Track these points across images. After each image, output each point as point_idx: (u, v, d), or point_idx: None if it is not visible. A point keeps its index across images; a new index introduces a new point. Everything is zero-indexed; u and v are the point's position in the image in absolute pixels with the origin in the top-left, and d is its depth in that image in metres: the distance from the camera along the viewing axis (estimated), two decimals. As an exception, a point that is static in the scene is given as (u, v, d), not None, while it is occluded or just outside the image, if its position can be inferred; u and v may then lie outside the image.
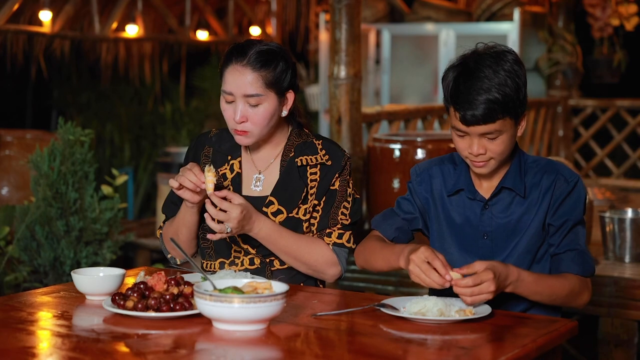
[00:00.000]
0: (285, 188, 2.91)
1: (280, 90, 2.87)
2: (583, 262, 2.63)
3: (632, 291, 4.09)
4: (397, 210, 2.86)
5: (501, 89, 2.51)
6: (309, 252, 2.90)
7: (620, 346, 4.17)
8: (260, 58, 2.83)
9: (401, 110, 5.76)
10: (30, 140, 6.06)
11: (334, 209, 2.95)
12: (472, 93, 2.51)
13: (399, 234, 2.84)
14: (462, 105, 2.53)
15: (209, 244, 2.99)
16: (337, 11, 4.80)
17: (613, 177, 8.10)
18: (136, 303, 2.41)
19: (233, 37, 8.47)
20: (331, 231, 2.94)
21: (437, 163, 2.82)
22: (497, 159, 2.61)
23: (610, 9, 7.77)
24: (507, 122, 2.55)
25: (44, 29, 7.00)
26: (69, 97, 9.73)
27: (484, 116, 2.51)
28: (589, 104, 8.27)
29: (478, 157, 2.60)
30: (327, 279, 2.97)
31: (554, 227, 2.65)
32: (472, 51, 2.60)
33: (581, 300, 2.64)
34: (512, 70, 2.54)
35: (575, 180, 2.66)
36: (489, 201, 2.70)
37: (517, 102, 2.54)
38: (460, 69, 2.57)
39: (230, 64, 2.85)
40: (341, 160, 2.96)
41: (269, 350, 2.19)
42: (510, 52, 2.59)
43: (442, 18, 7.79)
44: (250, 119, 2.85)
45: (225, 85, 2.85)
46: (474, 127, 2.54)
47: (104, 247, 4.57)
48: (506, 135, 2.57)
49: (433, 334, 2.30)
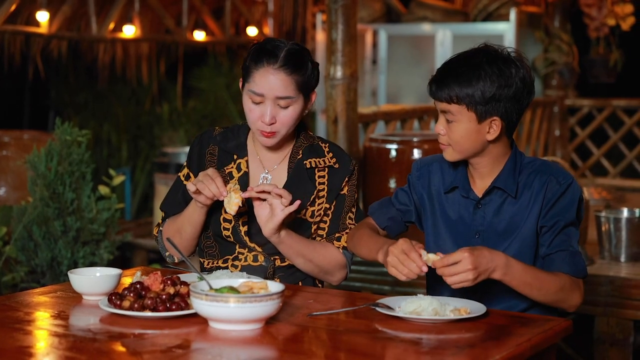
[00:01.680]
0: (295, 189, 2.90)
1: (308, 92, 2.89)
2: (574, 262, 2.62)
3: (628, 290, 4.10)
4: (394, 200, 2.90)
5: (475, 78, 2.58)
6: (324, 255, 2.93)
7: (616, 345, 4.18)
8: (292, 61, 2.83)
9: (397, 111, 5.77)
10: (27, 140, 6.06)
11: (344, 215, 2.98)
12: (448, 65, 2.65)
13: (390, 224, 2.88)
14: (438, 72, 2.65)
15: (213, 243, 3.00)
16: (334, 11, 4.80)
17: (609, 177, 8.11)
18: (132, 303, 2.42)
19: (230, 37, 8.48)
20: (340, 235, 2.97)
21: (439, 159, 2.83)
22: (455, 148, 2.66)
23: (606, 8, 7.78)
24: (463, 111, 2.61)
25: (41, 29, 7.01)
26: (66, 97, 9.72)
27: (439, 90, 2.62)
28: (585, 104, 8.28)
29: (439, 138, 2.68)
30: (333, 282, 3.00)
31: (546, 228, 2.65)
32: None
33: (572, 300, 2.61)
34: (498, 72, 2.60)
35: (569, 182, 2.66)
36: (482, 200, 2.71)
37: (479, 98, 2.59)
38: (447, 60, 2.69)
39: (262, 65, 2.82)
40: (349, 165, 2.98)
41: (265, 350, 2.20)
42: (517, 66, 2.64)
43: (439, 18, 7.80)
44: (279, 120, 2.85)
45: (256, 86, 2.83)
46: (436, 102, 2.66)
47: (101, 247, 4.58)
48: (461, 126, 2.62)
49: (428, 334, 2.30)
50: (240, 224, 2.93)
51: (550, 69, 7.99)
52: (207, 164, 2.99)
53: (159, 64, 9.43)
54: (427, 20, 7.82)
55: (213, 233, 2.97)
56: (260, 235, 2.90)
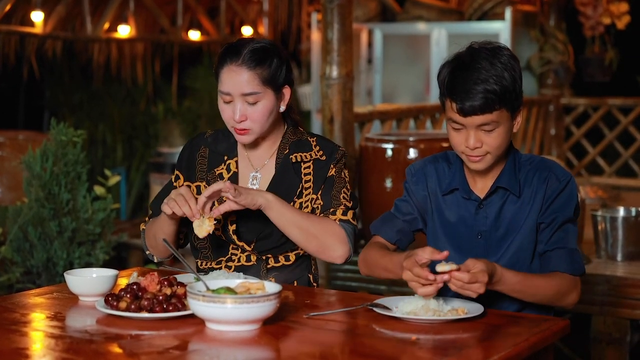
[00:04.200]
0: (281, 183, 2.93)
1: (277, 87, 2.90)
2: (572, 261, 2.62)
3: (624, 289, 4.11)
4: (396, 212, 2.84)
5: (498, 80, 2.51)
6: (320, 226, 2.88)
7: (613, 344, 4.19)
8: (254, 56, 2.85)
9: (393, 110, 5.77)
10: (22, 140, 6.05)
11: (335, 192, 2.95)
12: (469, 83, 2.51)
13: (400, 237, 2.82)
14: (460, 95, 2.53)
15: (206, 244, 2.99)
16: (329, 11, 4.80)
17: (605, 176, 8.12)
18: (129, 304, 2.41)
19: (225, 37, 8.47)
20: (335, 209, 2.94)
21: (432, 161, 2.82)
22: (494, 153, 2.60)
23: (602, 7, 7.79)
24: (503, 114, 2.55)
25: (36, 29, 6.99)
26: (61, 97, 9.71)
27: (481, 106, 2.51)
28: (580, 103, 8.28)
29: (474, 151, 2.59)
30: (335, 259, 2.92)
31: (544, 224, 2.65)
32: (466, 47, 2.61)
33: (569, 300, 2.62)
34: (509, 64, 2.55)
35: (568, 179, 2.66)
36: (484, 201, 2.70)
37: (513, 94, 2.55)
38: (455, 63, 2.58)
39: (225, 64, 2.87)
40: (335, 154, 2.98)
41: (262, 351, 2.19)
42: (506, 48, 2.60)
43: (434, 17, 7.80)
44: (249, 116, 2.86)
45: (222, 85, 2.87)
46: (471, 118, 2.54)
47: (97, 247, 4.57)
48: (502, 128, 2.57)
49: (425, 334, 2.30)
50: (229, 223, 2.94)
51: (545, 67, 7.99)
52: (197, 166, 3.01)
53: (154, 63, 9.42)
54: (422, 19, 7.81)
55: None
56: (249, 233, 2.92)
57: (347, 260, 2.94)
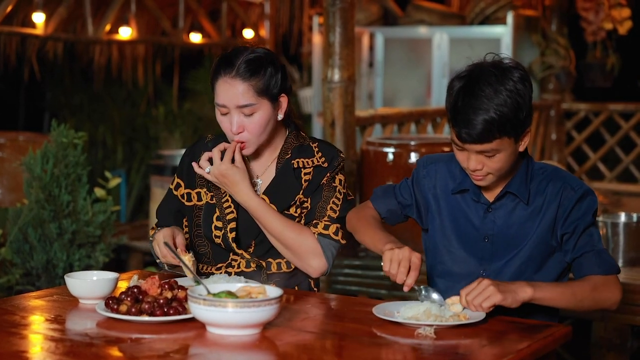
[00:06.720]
0: (279, 186, 2.92)
1: (273, 96, 2.87)
2: (602, 261, 2.61)
3: (626, 295, 4.07)
4: (397, 190, 2.88)
5: (499, 109, 2.47)
6: (294, 237, 2.88)
7: (613, 350, 4.18)
8: (248, 67, 2.83)
9: (394, 114, 5.77)
10: (23, 142, 6.05)
11: (322, 203, 2.94)
12: (469, 112, 2.49)
13: (390, 215, 2.88)
14: (459, 123, 2.51)
15: (207, 250, 2.99)
16: (331, 14, 4.80)
17: (606, 181, 8.11)
18: (130, 307, 2.40)
19: (226, 39, 8.47)
20: (317, 222, 2.93)
21: (446, 160, 2.81)
22: (495, 174, 2.60)
23: (604, 12, 7.78)
24: (504, 141, 2.52)
25: (37, 30, 6.99)
26: (61, 99, 9.71)
27: (479, 136, 2.49)
28: (581, 108, 8.28)
29: (475, 172, 2.59)
30: (311, 272, 2.93)
31: (567, 234, 2.64)
32: (476, 65, 2.57)
33: (609, 301, 2.61)
34: (515, 90, 2.50)
35: (584, 189, 2.65)
36: (492, 204, 2.69)
37: (515, 123, 2.51)
38: (463, 82, 2.54)
39: (220, 76, 2.85)
40: (334, 161, 2.97)
41: (262, 355, 2.19)
42: (517, 69, 2.55)
43: (436, 21, 7.80)
44: (246, 128, 2.85)
45: (218, 98, 2.86)
46: (470, 145, 2.53)
47: (97, 249, 4.56)
48: (504, 154, 2.55)
49: (427, 339, 2.30)
50: (229, 231, 2.93)
51: (547, 72, 7.99)
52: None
53: (154, 65, 9.41)
54: (424, 24, 7.81)
55: (205, 237, 2.97)
56: (246, 239, 2.92)
57: (323, 274, 2.94)
